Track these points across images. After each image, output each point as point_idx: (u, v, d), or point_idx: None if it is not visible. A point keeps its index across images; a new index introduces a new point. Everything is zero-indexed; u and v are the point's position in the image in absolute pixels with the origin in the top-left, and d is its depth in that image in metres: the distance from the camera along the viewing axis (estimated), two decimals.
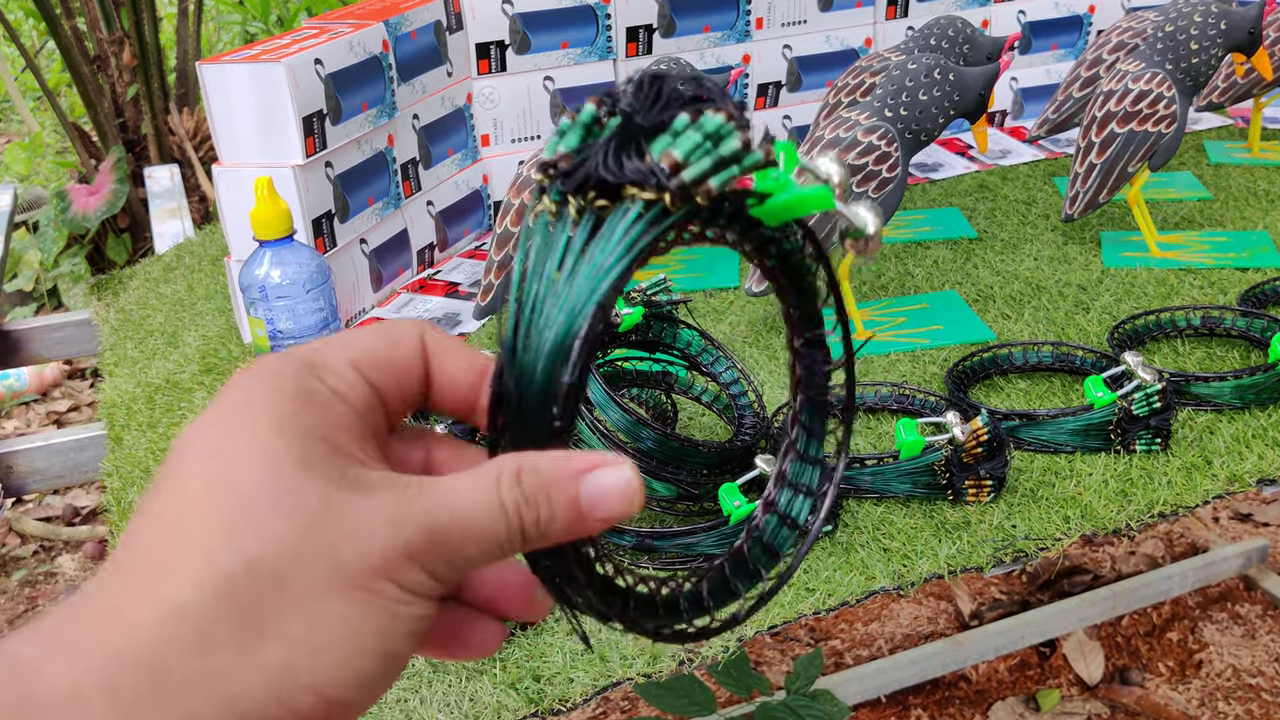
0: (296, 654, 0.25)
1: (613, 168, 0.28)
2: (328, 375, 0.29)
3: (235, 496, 0.26)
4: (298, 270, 0.91)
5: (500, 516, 0.28)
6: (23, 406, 2.29)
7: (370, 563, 0.26)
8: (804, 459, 0.36)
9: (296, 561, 0.26)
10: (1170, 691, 1.48)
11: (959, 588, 1.65)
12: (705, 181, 0.28)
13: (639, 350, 0.88)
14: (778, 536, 0.36)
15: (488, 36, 1.27)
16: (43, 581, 1.86)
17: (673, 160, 0.28)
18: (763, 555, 0.36)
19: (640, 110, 0.29)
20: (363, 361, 0.30)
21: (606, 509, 0.29)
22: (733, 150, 0.28)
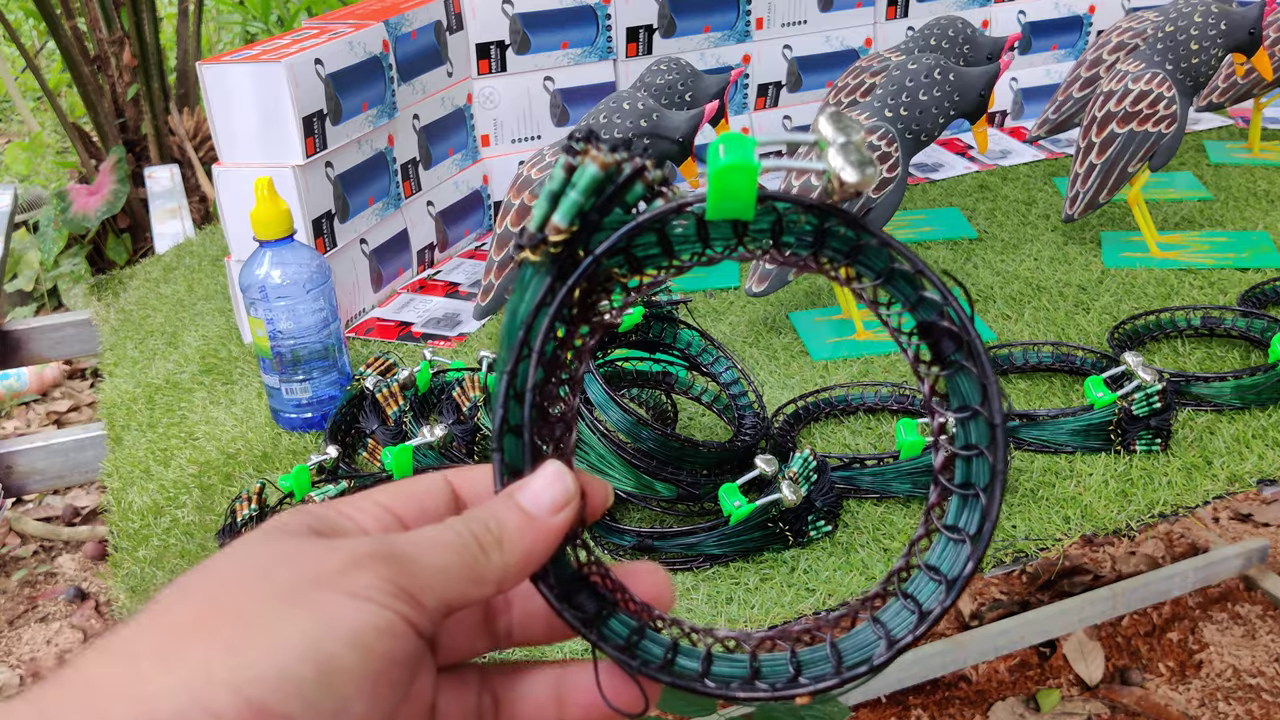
0: (215, 654, 0.24)
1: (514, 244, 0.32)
2: (344, 507, 0.31)
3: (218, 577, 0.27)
4: (298, 270, 0.91)
5: (449, 530, 0.30)
6: (23, 406, 2.29)
7: (305, 576, 0.26)
8: (966, 454, 0.34)
9: (231, 583, 0.26)
10: (1170, 692, 1.48)
11: None
12: (548, 222, 0.30)
13: (639, 350, 0.88)
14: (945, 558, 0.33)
15: (488, 36, 1.27)
16: (43, 581, 1.86)
17: (526, 228, 0.31)
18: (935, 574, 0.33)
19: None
20: (380, 494, 0.32)
21: (549, 497, 0.31)
22: (559, 182, 0.30)
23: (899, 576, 0.33)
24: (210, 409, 1.01)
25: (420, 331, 1.12)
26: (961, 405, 0.34)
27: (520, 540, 0.30)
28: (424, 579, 0.28)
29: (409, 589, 0.27)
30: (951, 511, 0.33)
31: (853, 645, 0.33)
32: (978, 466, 0.34)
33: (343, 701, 0.25)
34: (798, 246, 0.32)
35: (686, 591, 0.73)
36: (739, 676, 0.32)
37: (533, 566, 0.31)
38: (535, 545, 0.30)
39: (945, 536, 0.33)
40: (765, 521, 0.75)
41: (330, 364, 0.95)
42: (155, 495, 0.89)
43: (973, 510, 0.33)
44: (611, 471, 0.76)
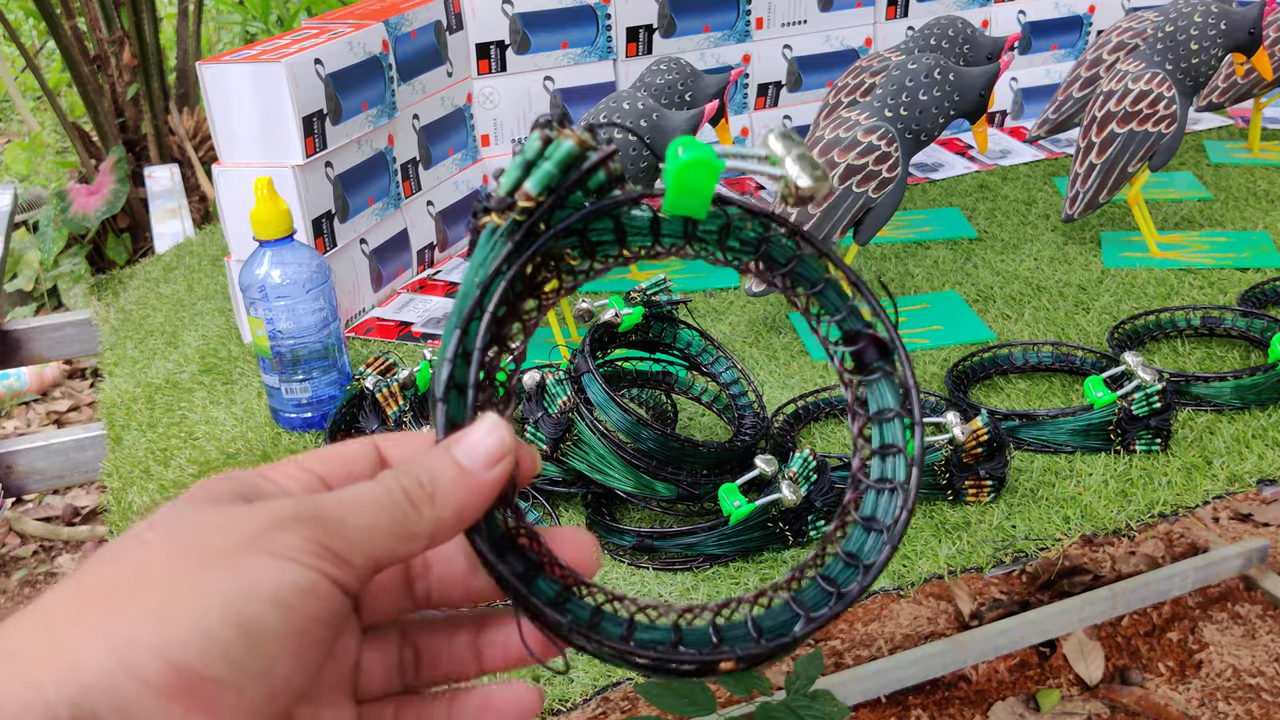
0: (138, 618, 0.24)
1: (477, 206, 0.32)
2: (270, 472, 0.31)
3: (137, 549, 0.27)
4: (298, 270, 0.91)
5: (378, 485, 0.29)
6: (23, 406, 2.29)
7: (229, 538, 0.26)
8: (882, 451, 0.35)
9: (156, 549, 0.26)
10: (1170, 692, 1.48)
11: (959, 588, 1.65)
12: (520, 187, 0.31)
13: (639, 350, 0.88)
14: (864, 547, 0.35)
15: (488, 36, 1.27)
16: (43, 581, 1.86)
17: (497, 182, 0.31)
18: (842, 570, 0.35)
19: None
20: (307, 459, 0.32)
21: (484, 450, 0.30)
22: (534, 151, 0.31)
23: (815, 563, 0.35)
24: (210, 409, 1.01)
25: (420, 331, 1.12)
26: (880, 410, 0.35)
27: (454, 493, 0.30)
28: (351, 537, 0.28)
29: (334, 548, 0.27)
30: (868, 504, 0.35)
31: (772, 620, 0.34)
32: (894, 463, 0.35)
33: (267, 661, 0.25)
34: (741, 251, 0.34)
35: (686, 591, 0.73)
36: (664, 642, 0.32)
37: (466, 522, 0.30)
38: (470, 499, 0.30)
39: (862, 527, 0.34)
40: (765, 521, 0.75)
41: (330, 364, 0.95)
42: (155, 495, 0.89)
43: (890, 502, 0.34)
44: (611, 471, 0.76)
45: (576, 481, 0.80)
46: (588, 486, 0.79)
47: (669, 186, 0.31)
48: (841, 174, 0.98)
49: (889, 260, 1.19)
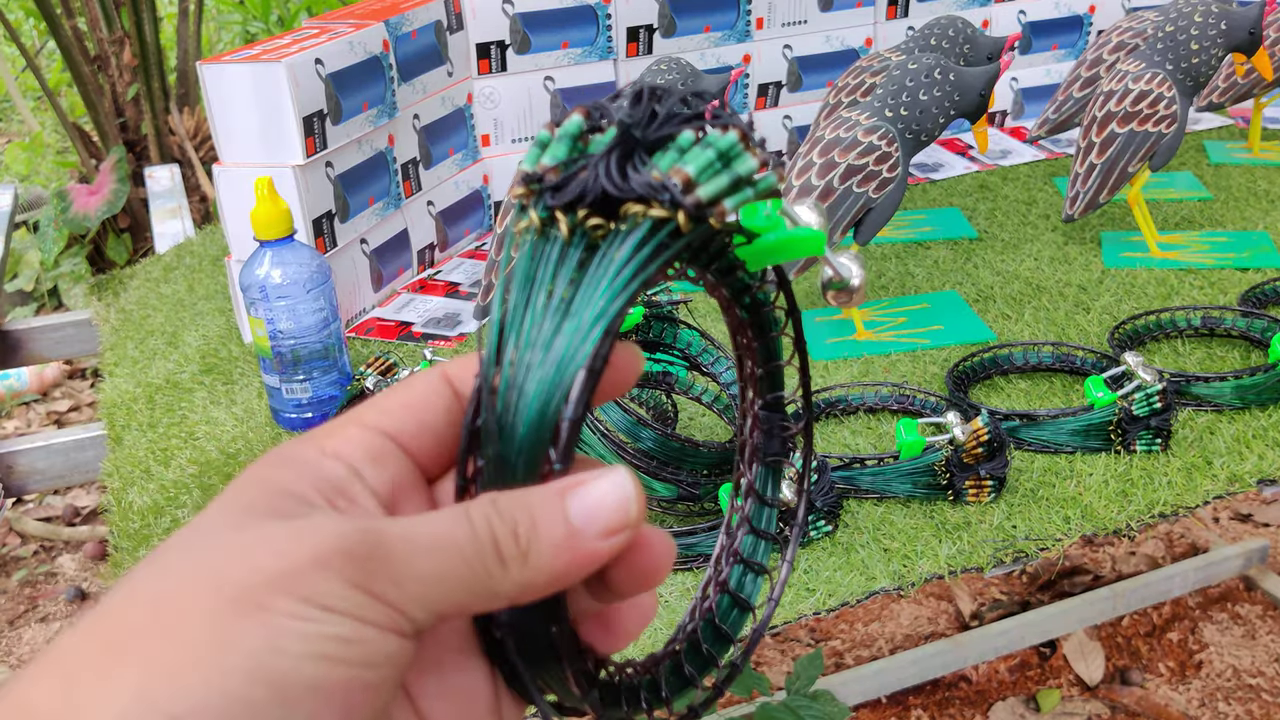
0: (153, 676, 0.21)
1: (617, 180, 0.25)
2: (328, 441, 0.26)
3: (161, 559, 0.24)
4: (298, 270, 0.91)
5: (463, 524, 0.24)
6: (23, 406, 2.29)
7: (259, 577, 0.22)
8: (757, 533, 0.33)
9: (180, 584, 0.23)
10: (1170, 692, 1.48)
11: (959, 588, 1.65)
12: (720, 202, 0.25)
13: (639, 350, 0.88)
14: (729, 619, 0.32)
15: (488, 36, 1.27)
16: (43, 581, 1.86)
17: (685, 176, 0.25)
18: (715, 639, 0.32)
19: (639, 124, 0.26)
20: (370, 412, 0.27)
21: (605, 520, 0.25)
22: (748, 170, 0.26)
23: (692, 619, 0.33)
24: (210, 409, 1.01)
25: (420, 331, 1.12)
26: (764, 494, 0.34)
27: (553, 561, 0.24)
28: (412, 590, 0.23)
29: (387, 597, 0.23)
30: (734, 576, 0.34)
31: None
32: (763, 548, 0.34)
33: (307, 718, 0.22)
34: (746, 307, 0.32)
35: (687, 592, 0.73)
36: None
37: (557, 589, 0.25)
38: (571, 569, 0.24)
39: (729, 597, 0.33)
40: None
41: (330, 364, 0.95)
42: (155, 495, 0.89)
43: (754, 584, 0.33)
44: None
45: None
46: None
47: (772, 241, 0.29)
48: (842, 174, 0.98)
49: (889, 260, 1.19)
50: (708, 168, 0.26)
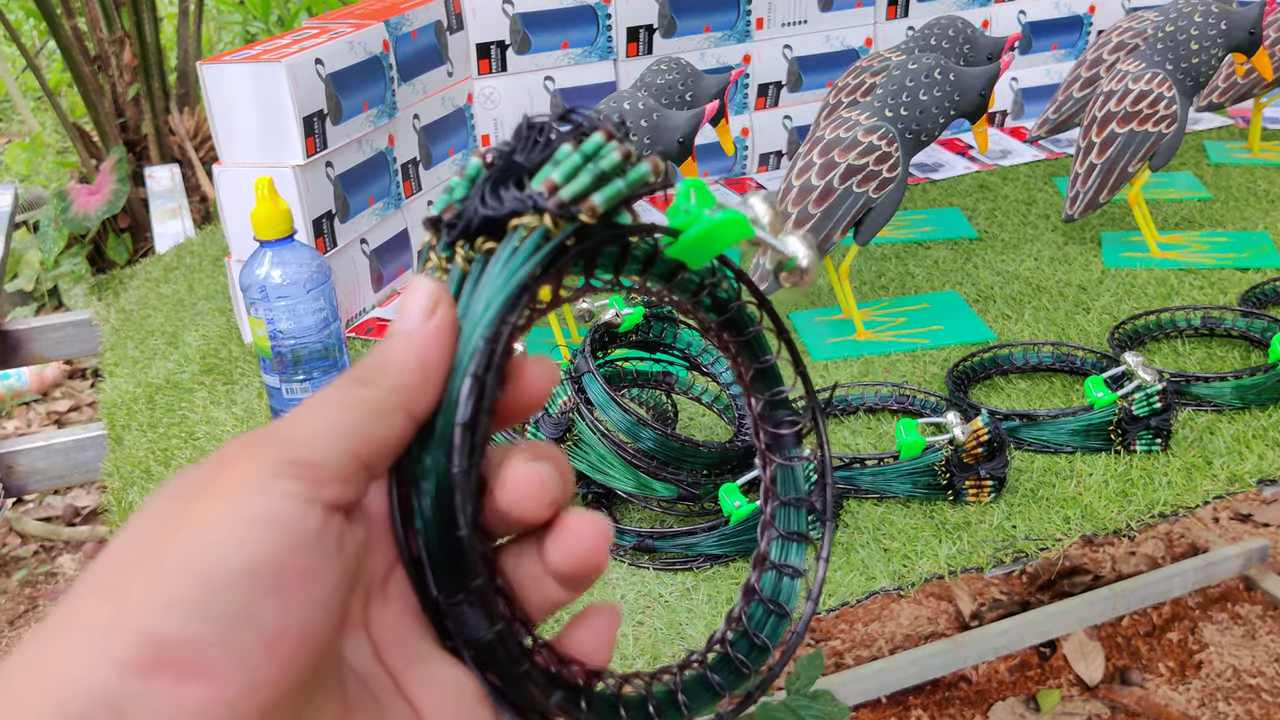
0: (113, 605, 0.23)
1: (490, 202, 0.27)
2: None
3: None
4: (298, 270, 0.91)
5: (325, 388, 0.27)
6: (23, 406, 2.29)
7: (190, 490, 0.25)
8: (785, 536, 0.33)
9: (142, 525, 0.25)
10: (1170, 692, 1.48)
11: (959, 588, 1.65)
12: (587, 198, 0.27)
13: (639, 350, 0.88)
14: (765, 627, 0.32)
15: (488, 36, 1.27)
16: (43, 581, 1.86)
17: (551, 183, 0.27)
18: (750, 650, 0.32)
19: (521, 149, 0.28)
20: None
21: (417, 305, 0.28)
22: (613, 163, 0.27)
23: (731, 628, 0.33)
24: (210, 409, 1.01)
25: None
26: (793, 498, 0.34)
27: (405, 353, 0.27)
28: (310, 442, 0.25)
29: (293, 458, 0.25)
30: (767, 584, 0.33)
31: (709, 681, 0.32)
32: (800, 548, 0.33)
33: (246, 606, 0.23)
34: (710, 309, 0.32)
35: (687, 592, 0.73)
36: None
37: (431, 378, 0.27)
38: (424, 352, 0.27)
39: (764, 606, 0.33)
40: None
41: (330, 364, 0.95)
42: None
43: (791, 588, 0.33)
44: (611, 471, 0.76)
45: (577, 482, 0.80)
46: (588, 487, 0.80)
47: (696, 232, 0.29)
48: (842, 174, 0.98)
49: (889, 260, 1.19)
50: (573, 171, 0.27)
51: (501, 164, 0.28)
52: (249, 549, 0.23)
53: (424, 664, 0.28)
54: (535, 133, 0.28)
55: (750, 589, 0.33)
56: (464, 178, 0.28)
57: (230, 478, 0.24)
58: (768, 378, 0.33)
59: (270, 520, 0.24)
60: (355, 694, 0.27)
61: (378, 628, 0.28)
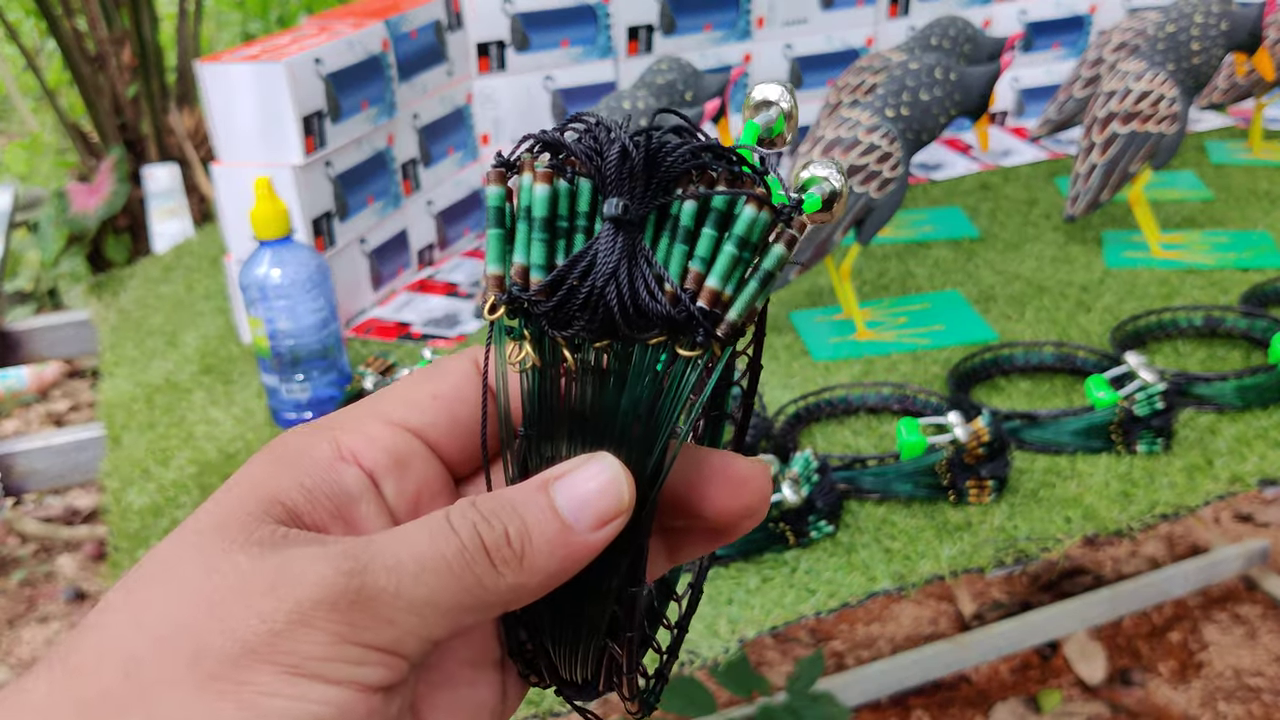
0: None
1: (632, 315, 0.22)
2: (345, 435, 0.24)
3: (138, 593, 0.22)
4: (297, 270, 0.91)
5: (449, 537, 0.22)
6: (22, 406, 2.29)
7: (237, 646, 0.20)
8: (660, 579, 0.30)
9: (153, 647, 0.20)
10: (1171, 692, 1.48)
11: (960, 589, 1.65)
12: (754, 309, 0.22)
13: None
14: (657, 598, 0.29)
15: (488, 35, 1.27)
16: (42, 582, 1.86)
17: (711, 294, 0.22)
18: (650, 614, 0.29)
19: (633, 196, 0.22)
20: (395, 406, 0.25)
21: (596, 509, 0.23)
22: (778, 260, 0.22)
23: None
24: (209, 409, 1.01)
25: (420, 331, 1.12)
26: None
27: (549, 560, 0.22)
28: (404, 623, 0.21)
29: (379, 643, 0.21)
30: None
31: None
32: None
33: None
34: None
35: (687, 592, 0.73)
36: None
37: (551, 588, 0.23)
38: (566, 564, 0.23)
39: None
40: (766, 522, 0.74)
41: (329, 364, 0.95)
42: (154, 496, 0.89)
43: None
44: None
45: None
46: None
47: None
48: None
49: (890, 260, 1.19)
50: (732, 269, 0.22)
51: (618, 230, 0.22)
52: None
53: (453, 689, 0.25)
54: (646, 160, 0.22)
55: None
56: (535, 221, 0.23)
57: (299, 648, 0.20)
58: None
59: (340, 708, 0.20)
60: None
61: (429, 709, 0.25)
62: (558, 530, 0.22)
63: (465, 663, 0.25)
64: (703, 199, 0.22)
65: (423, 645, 0.22)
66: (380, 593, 0.21)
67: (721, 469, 0.25)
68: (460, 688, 0.25)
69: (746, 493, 0.25)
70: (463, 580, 0.22)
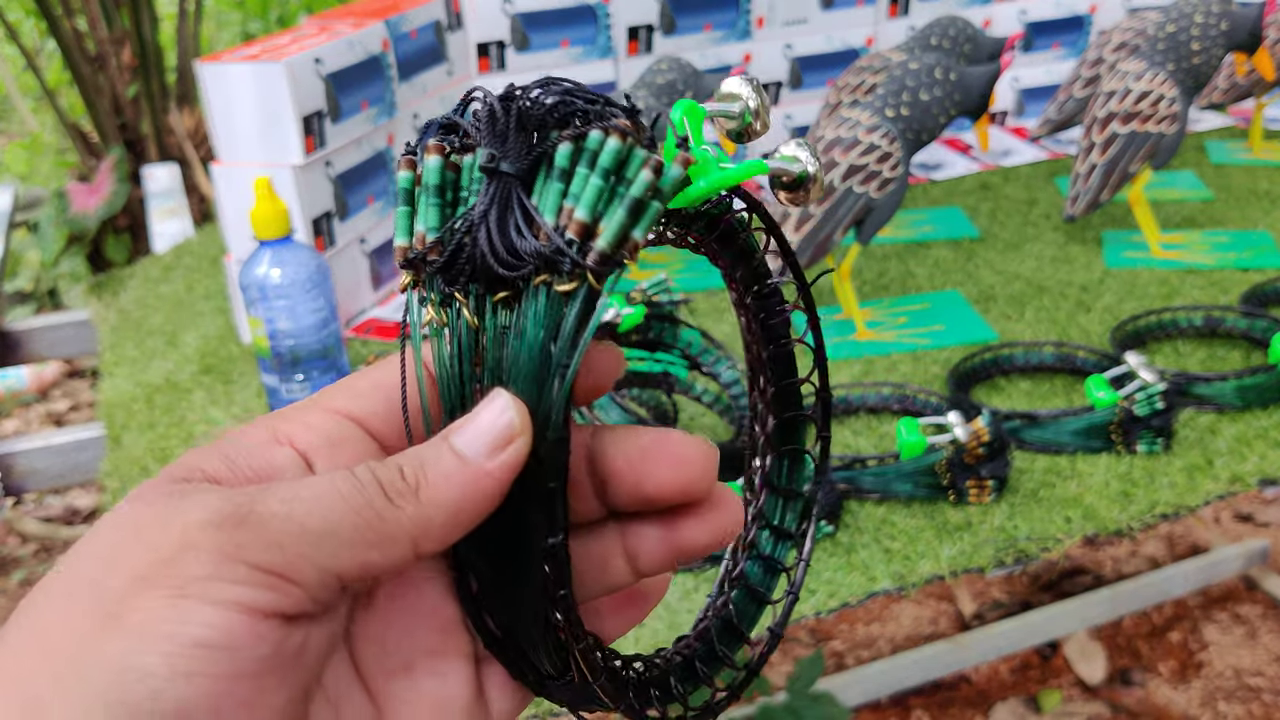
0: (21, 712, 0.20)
1: (504, 255, 0.23)
2: (283, 423, 0.25)
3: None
4: (297, 270, 0.91)
5: (346, 475, 0.22)
6: (22, 406, 2.29)
7: (128, 576, 0.20)
8: (774, 530, 0.31)
9: (68, 599, 0.21)
10: (1171, 692, 1.48)
11: (960, 589, 1.65)
12: (629, 238, 0.23)
13: (640, 350, 0.88)
14: (745, 616, 0.31)
15: (488, 35, 1.27)
16: None
17: (580, 225, 0.23)
18: (728, 637, 0.30)
19: (507, 151, 0.23)
20: (337, 395, 0.25)
21: (489, 436, 0.23)
22: (645, 187, 0.23)
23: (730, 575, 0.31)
24: (209, 409, 1.01)
25: None
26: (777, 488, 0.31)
27: (446, 488, 0.23)
28: (295, 547, 0.21)
29: (269, 564, 0.21)
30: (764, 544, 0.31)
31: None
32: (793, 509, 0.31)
33: None
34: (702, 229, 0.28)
35: (688, 593, 0.73)
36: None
37: (461, 526, 0.23)
38: (467, 496, 0.23)
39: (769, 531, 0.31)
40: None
41: (329, 364, 0.95)
42: None
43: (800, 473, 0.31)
44: None
45: None
46: None
47: (706, 188, 0.25)
48: (843, 173, 0.98)
49: (890, 260, 1.19)
50: (599, 198, 0.23)
51: (493, 185, 0.23)
52: (183, 686, 0.20)
53: (410, 678, 0.25)
54: (513, 117, 0.23)
55: (735, 577, 0.31)
56: (426, 189, 0.24)
57: (185, 568, 0.20)
58: (759, 274, 0.29)
59: (217, 648, 0.20)
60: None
61: (361, 635, 0.25)
62: (452, 461, 0.23)
63: (426, 651, 0.25)
64: (575, 138, 0.23)
65: (322, 575, 0.21)
66: (271, 517, 0.21)
67: (660, 444, 0.26)
68: (421, 678, 0.25)
69: (686, 469, 0.25)
70: (361, 513, 0.22)
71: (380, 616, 0.25)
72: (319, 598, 0.22)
